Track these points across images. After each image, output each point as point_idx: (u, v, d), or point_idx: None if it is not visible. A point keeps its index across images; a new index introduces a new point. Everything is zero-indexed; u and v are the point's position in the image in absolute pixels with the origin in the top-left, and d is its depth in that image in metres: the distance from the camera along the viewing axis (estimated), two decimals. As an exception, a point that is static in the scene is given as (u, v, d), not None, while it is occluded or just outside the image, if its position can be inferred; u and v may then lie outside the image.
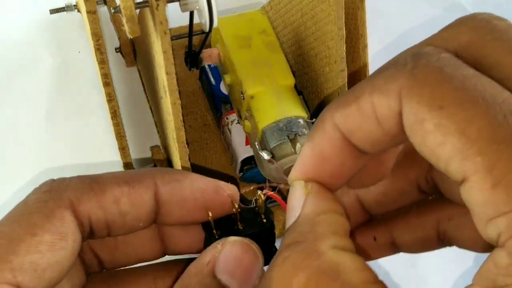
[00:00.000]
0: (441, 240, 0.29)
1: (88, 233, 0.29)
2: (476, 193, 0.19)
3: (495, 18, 0.22)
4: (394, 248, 0.30)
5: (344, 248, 0.22)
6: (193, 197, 0.31)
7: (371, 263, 0.23)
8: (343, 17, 0.39)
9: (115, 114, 0.41)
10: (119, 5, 0.32)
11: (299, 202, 0.24)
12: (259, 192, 0.31)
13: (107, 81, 0.39)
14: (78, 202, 0.28)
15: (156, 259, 0.33)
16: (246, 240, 0.30)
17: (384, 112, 0.21)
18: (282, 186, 0.32)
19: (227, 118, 0.47)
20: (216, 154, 0.50)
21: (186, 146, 0.37)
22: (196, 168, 0.33)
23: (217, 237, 0.31)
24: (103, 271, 0.33)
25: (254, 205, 0.32)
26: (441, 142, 0.19)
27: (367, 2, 0.43)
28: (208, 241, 0.31)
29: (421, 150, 0.20)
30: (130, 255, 0.33)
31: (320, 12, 0.40)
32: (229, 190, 0.31)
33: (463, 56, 0.22)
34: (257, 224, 0.32)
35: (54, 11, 0.55)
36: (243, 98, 0.43)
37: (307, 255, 0.22)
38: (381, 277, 0.21)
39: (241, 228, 0.31)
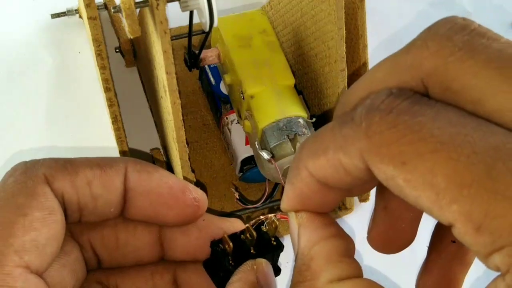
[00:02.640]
0: None
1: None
2: (465, 237, 0.19)
3: (456, 31, 0.21)
4: None
5: (340, 277, 0.23)
6: (159, 190, 0.31)
7: (377, 276, 0.24)
8: (343, 17, 0.39)
9: (116, 119, 0.41)
10: (119, 5, 0.32)
11: (296, 234, 0.25)
12: (273, 217, 0.32)
13: (108, 87, 0.39)
14: (53, 179, 0.29)
15: (153, 262, 0.33)
16: (267, 261, 0.31)
17: (351, 168, 0.21)
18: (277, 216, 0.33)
19: (227, 118, 0.47)
20: (216, 154, 0.50)
21: (186, 146, 0.37)
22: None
23: (232, 263, 0.31)
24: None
25: (265, 228, 0.32)
26: (416, 196, 0.19)
27: (367, 2, 0.43)
28: (217, 262, 0.32)
29: (406, 200, 0.20)
30: (128, 256, 0.33)
31: (320, 12, 0.40)
32: (196, 194, 0.32)
33: (430, 85, 0.21)
34: (269, 248, 0.33)
35: (55, 15, 0.56)
36: (243, 98, 0.43)
37: None
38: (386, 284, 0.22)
39: (254, 252, 0.32)
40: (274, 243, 0.32)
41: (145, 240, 0.33)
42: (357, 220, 0.48)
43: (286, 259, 0.44)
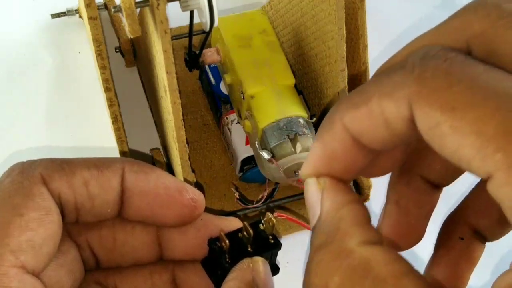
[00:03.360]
0: None
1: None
2: (503, 189, 0.19)
3: (505, 1, 0.21)
4: None
5: (371, 241, 0.22)
6: (156, 191, 0.31)
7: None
8: (344, 16, 0.39)
9: (116, 119, 0.41)
10: (119, 4, 0.32)
11: (317, 199, 0.24)
12: (270, 215, 0.32)
13: (108, 87, 0.39)
14: (49, 179, 0.29)
15: (151, 262, 0.33)
16: (264, 260, 0.31)
17: (394, 117, 0.21)
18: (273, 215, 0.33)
19: (227, 118, 0.47)
20: (216, 154, 0.50)
21: (186, 145, 0.37)
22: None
23: (229, 261, 0.31)
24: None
25: (263, 226, 0.32)
26: (459, 144, 0.19)
27: (367, 2, 0.43)
28: (214, 260, 0.32)
29: (442, 151, 0.20)
30: (126, 256, 0.33)
31: (320, 11, 0.40)
32: (193, 194, 0.32)
33: (475, 48, 0.21)
34: (266, 246, 0.32)
35: (55, 15, 0.56)
36: (243, 98, 0.43)
37: (337, 256, 0.22)
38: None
39: (252, 250, 0.32)
40: (272, 241, 0.32)
41: (143, 240, 0.33)
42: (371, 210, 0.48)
43: (286, 259, 0.44)
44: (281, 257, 0.34)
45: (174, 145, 0.38)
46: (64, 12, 0.56)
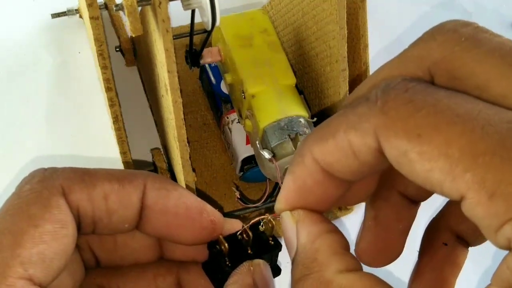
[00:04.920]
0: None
1: (76, 225, 0.29)
2: (476, 209, 0.19)
3: (461, 25, 0.22)
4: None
5: (348, 268, 0.23)
6: (176, 210, 0.30)
7: (384, 272, 0.24)
8: (345, 16, 0.39)
9: (117, 119, 0.41)
10: (121, 3, 0.32)
11: (292, 232, 0.25)
12: (269, 216, 0.31)
13: (109, 86, 0.39)
14: (69, 191, 0.28)
15: (152, 262, 0.33)
16: (265, 262, 0.30)
17: (361, 149, 0.22)
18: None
19: (227, 117, 0.47)
20: (216, 154, 0.50)
21: (187, 145, 0.37)
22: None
23: (229, 264, 0.31)
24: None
25: (263, 228, 0.32)
26: (429, 169, 0.19)
27: (368, 1, 0.43)
28: (214, 263, 0.32)
29: (414, 179, 0.21)
30: (126, 257, 0.33)
31: (322, 11, 0.40)
32: (213, 216, 0.31)
33: (437, 74, 0.22)
34: (266, 248, 0.32)
35: (55, 15, 0.56)
36: (244, 97, 0.43)
37: (317, 287, 0.22)
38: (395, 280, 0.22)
39: (251, 253, 0.31)
40: (272, 242, 0.32)
41: (144, 243, 0.32)
42: (357, 221, 0.48)
43: (286, 259, 0.44)
44: (281, 257, 0.34)
45: (174, 144, 0.38)
46: (64, 12, 0.56)
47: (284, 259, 0.35)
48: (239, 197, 0.47)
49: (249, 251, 0.31)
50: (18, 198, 0.28)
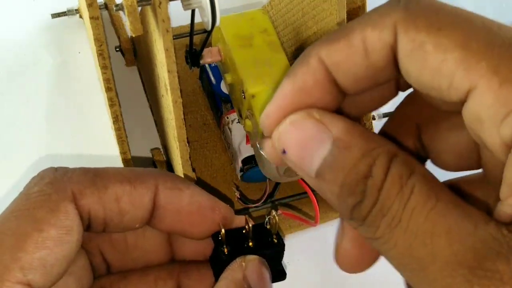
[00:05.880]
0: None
1: (86, 226, 0.29)
2: (486, 97, 0.19)
3: None
4: None
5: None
6: (189, 209, 0.30)
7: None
8: (345, 16, 0.39)
9: (117, 119, 0.41)
10: (121, 3, 0.32)
11: (318, 128, 0.23)
12: (273, 212, 0.31)
13: (109, 86, 0.39)
14: (81, 196, 0.28)
15: (163, 263, 0.33)
16: (261, 259, 0.30)
17: (374, 44, 0.22)
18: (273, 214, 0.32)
19: (227, 117, 0.47)
20: (216, 154, 0.50)
21: (187, 144, 0.37)
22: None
23: (226, 252, 0.31)
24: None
25: (268, 225, 0.32)
26: (443, 59, 0.20)
27: (368, 1, 0.43)
28: (216, 253, 0.31)
29: (421, 75, 0.21)
30: (138, 260, 0.32)
31: (322, 11, 0.40)
32: (225, 211, 0.31)
33: None
34: (268, 244, 0.32)
35: (55, 15, 0.56)
36: (244, 97, 0.43)
37: (388, 157, 0.21)
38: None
39: (252, 245, 0.31)
40: (275, 240, 0.32)
41: (155, 242, 0.32)
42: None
43: (286, 259, 0.44)
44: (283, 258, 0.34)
45: (174, 144, 0.38)
46: (65, 12, 0.56)
47: (284, 259, 0.35)
48: (239, 197, 0.47)
49: (250, 244, 0.31)
50: (26, 200, 0.27)
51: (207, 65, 0.49)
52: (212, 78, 0.49)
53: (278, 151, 0.24)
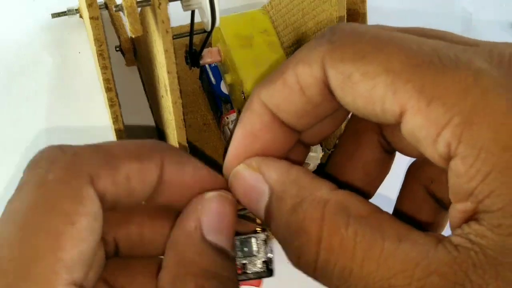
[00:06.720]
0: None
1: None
2: (417, 119, 0.20)
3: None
4: None
5: (334, 187, 0.23)
6: (192, 183, 0.30)
7: None
8: (345, 17, 0.39)
9: (117, 119, 0.41)
10: (120, 4, 0.32)
11: (257, 179, 0.24)
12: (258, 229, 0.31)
13: (109, 86, 0.39)
14: (98, 178, 0.26)
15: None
16: (222, 192, 0.29)
17: (307, 80, 0.22)
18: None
19: (227, 118, 0.47)
20: (216, 154, 0.50)
21: (187, 145, 0.37)
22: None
23: None
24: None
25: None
26: (372, 86, 0.21)
27: (368, 2, 0.43)
28: None
29: (356, 104, 0.21)
30: (149, 250, 0.32)
31: (322, 12, 0.40)
32: (224, 186, 0.31)
33: None
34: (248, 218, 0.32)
35: (55, 15, 0.56)
36: (244, 98, 0.43)
37: (316, 207, 0.22)
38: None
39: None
40: (259, 230, 0.31)
41: (167, 234, 0.32)
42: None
43: (286, 259, 0.44)
44: (282, 257, 0.33)
45: (175, 144, 0.38)
46: (65, 12, 0.56)
47: (283, 259, 0.35)
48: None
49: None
50: (45, 190, 0.25)
51: (207, 65, 0.49)
52: (212, 78, 0.49)
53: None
